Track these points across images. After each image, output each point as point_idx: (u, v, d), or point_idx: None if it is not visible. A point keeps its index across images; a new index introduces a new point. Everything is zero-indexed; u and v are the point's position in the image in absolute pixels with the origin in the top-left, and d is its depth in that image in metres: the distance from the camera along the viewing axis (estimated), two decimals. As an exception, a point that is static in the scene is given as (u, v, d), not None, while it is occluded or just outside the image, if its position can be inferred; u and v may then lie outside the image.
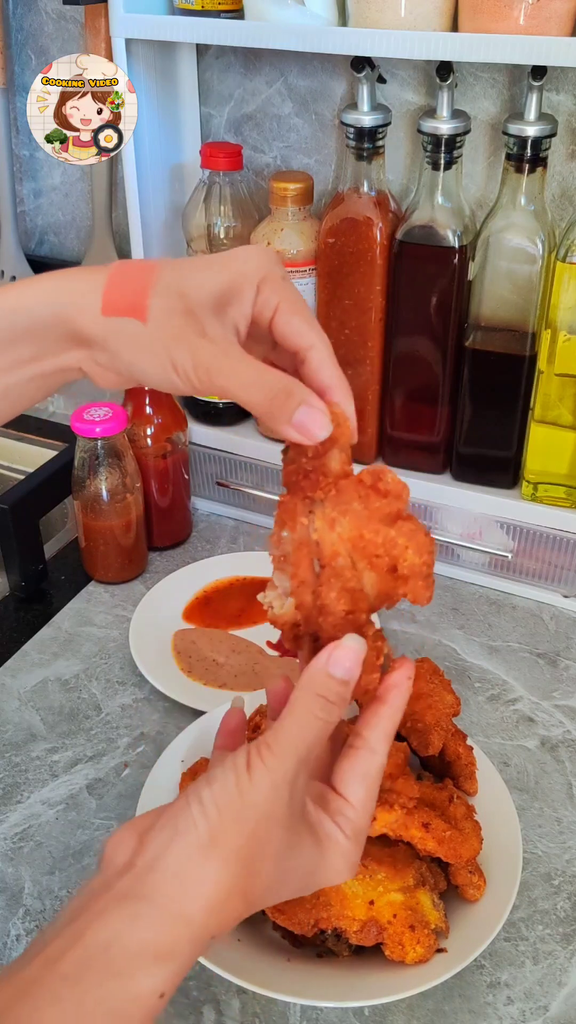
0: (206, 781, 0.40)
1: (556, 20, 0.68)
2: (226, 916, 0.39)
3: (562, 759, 0.72)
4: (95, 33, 0.94)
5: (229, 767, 0.40)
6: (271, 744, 0.40)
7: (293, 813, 0.40)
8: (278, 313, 0.43)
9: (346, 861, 0.42)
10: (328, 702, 0.41)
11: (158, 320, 0.41)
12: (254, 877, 0.39)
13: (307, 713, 0.41)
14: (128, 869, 0.39)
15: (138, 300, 0.41)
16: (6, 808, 0.69)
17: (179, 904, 0.38)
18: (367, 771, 0.43)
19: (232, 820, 0.39)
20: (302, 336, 0.44)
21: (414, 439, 0.89)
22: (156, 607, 0.85)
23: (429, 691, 0.63)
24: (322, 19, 0.75)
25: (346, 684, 0.41)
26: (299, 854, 0.41)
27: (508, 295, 0.80)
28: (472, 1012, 0.56)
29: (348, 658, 0.41)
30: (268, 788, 0.39)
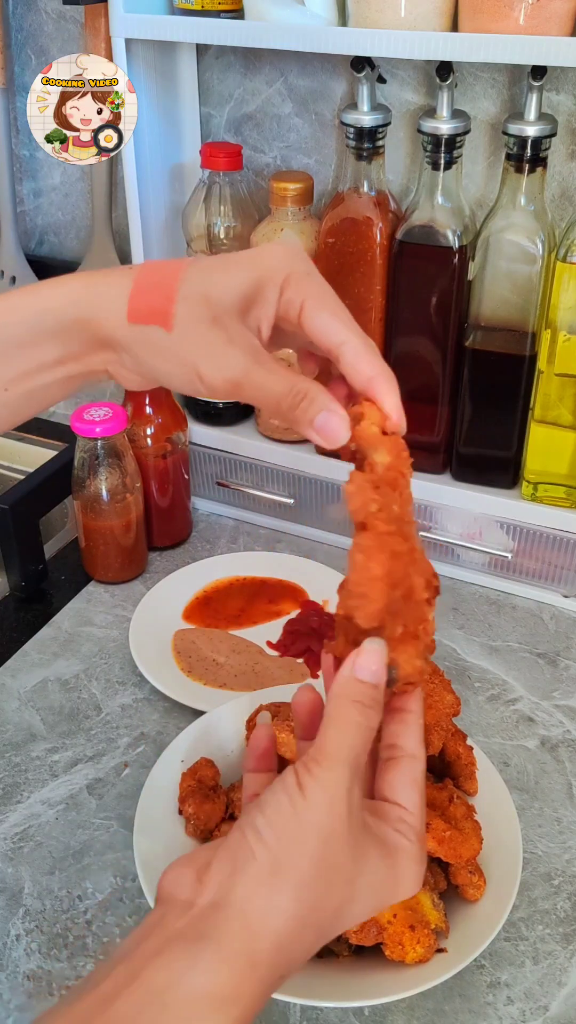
0: (258, 808, 0.38)
1: (556, 20, 0.68)
2: (298, 951, 0.37)
3: (562, 759, 0.72)
4: (95, 33, 0.94)
5: (279, 789, 0.38)
6: (318, 759, 0.39)
7: (354, 827, 0.39)
8: (304, 311, 0.43)
9: (419, 868, 0.41)
10: (364, 706, 0.40)
11: (184, 329, 0.41)
12: (325, 904, 0.37)
13: (347, 721, 0.40)
14: (187, 908, 0.37)
15: (164, 307, 0.41)
16: (6, 808, 0.69)
17: (245, 944, 0.36)
18: (415, 777, 0.42)
19: (293, 843, 0.37)
20: (331, 333, 0.43)
21: (414, 439, 0.87)
22: (156, 607, 0.85)
23: (429, 691, 0.63)
24: (322, 19, 0.75)
25: (376, 687, 0.41)
26: (369, 870, 0.39)
27: (508, 295, 0.80)
28: (472, 1012, 0.56)
29: (373, 661, 0.41)
30: (325, 804, 0.38)
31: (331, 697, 0.41)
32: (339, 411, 0.43)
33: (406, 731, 0.43)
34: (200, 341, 0.41)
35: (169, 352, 0.42)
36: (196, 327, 0.41)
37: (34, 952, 0.59)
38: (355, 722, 0.40)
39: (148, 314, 0.42)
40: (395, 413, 0.44)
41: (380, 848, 0.40)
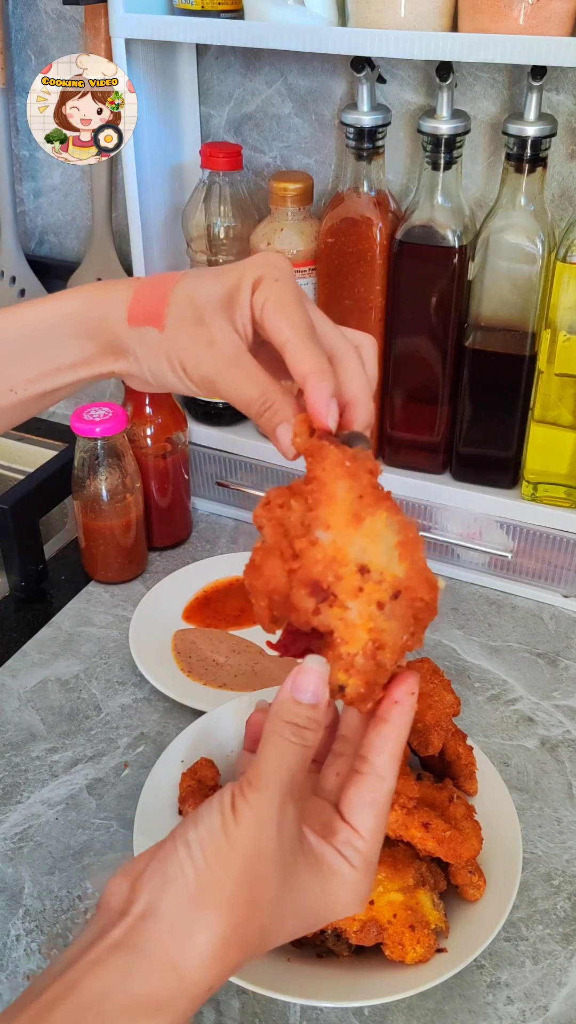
0: (192, 821, 0.39)
1: (556, 20, 0.68)
2: (223, 967, 0.38)
3: (562, 759, 0.72)
4: (95, 33, 0.94)
5: (215, 806, 0.39)
6: (252, 780, 0.39)
7: (285, 848, 0.39)
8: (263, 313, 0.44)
9: (354, 894, 0.41)
10: (299, 728, 0.40)
11: (173, 329, 0.46)
12: (250, 923, 0.38)
13: (280, 741, 0.40)
14: (121, 918, 0.38)
15: (156, 310, 0.46)
16: (6, 808, 0.69)
17: (172, 957, 0.37)
18: (375, 798, 0.41)
19: (220, 864, 0.38)
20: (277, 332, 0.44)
21: (414, 439, 0.89)
22: (156, 607, 0.85)
23: (429, 691, 0.63)
24: (322, 19, 0.75)
25: (314, 707, 0.40)
26: (298, 891, 0.39)
27: (508, 295, 0.80)
28: (472, 1012, 0.56)
29: (311, 681, 0.40)
30: (254, 825, 0.38)
31: (269, 717, 0.41)
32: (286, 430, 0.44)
33: (381, 746, 0.42)
34: (186, 340, 0.45)
35: (161, 350, 0.46)
36: (183, 327, 0.45)
37: (34, 952, 0.59)
38: (288, 742, 0.40)
39: (144, 316, 0.47)
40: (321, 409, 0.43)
41: (313, 871, 0.40)
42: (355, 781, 0.42)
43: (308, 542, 0.39)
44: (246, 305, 0.45)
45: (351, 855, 0.41)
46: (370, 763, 0.42)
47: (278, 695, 0.41)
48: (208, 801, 0.40)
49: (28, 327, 0.49)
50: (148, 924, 0.37)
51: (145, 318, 0.46)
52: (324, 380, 0.43)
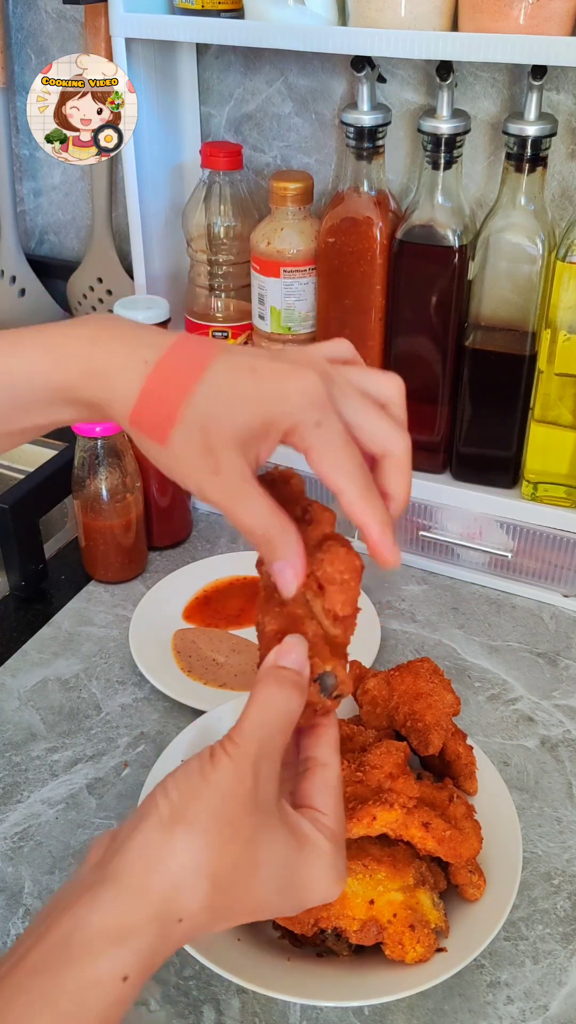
0: (171, 773, 0.41)
1: (556, 20, 0.68)
2: (194, 897, 0.38)
3: (562, 759, 0.72)
4: (95, 32, 0.94)
5: (194, 757, 0.41)
6: (231, 735, 0.41)
7: (260, 799, 0.40)
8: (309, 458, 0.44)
9: (331, 868, 0.42)
10: (283, 684, 0.42)
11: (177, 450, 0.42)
12: (222, 855, 0.38)
13: (263, 699, 0.42)
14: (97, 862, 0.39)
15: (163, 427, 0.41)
16: (6, 808, 0.69)
17: (139, 880, 0.37)
18: (325, 782, 0.44)
19: (193, 798, 0.39)
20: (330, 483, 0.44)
21: (414, 439, 0.88)
22: (156, 607, 0.85)
23: (429, 691, 0.63)
24: (322, 19, 0.75)
25: (299, 674, 0.43)
26: (275, 844, 0.40)
27: (508, 295, 0.80)
28: (472, 1011, 0.56)
29: (293, 649, 0.43)
30: (230, 771, 0.40)
31: (255, 682, 0.43)
32: (296, 565, 0.43)
33: (317, 742, 0.45)
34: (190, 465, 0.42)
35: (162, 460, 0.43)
36: (188, 452, 0.42)
37: (34, 952, 0.59)
38: (271, 700, 0.42)
39: (148, 428, 0.42)
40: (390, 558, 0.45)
41: (289, 830, 0.41)
42: (305, 777, 0.44)
43: None
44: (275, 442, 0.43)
45: (322, 828, 0.42)
46: (313, 758, 0.45)
47: (262, 667, 0.43)
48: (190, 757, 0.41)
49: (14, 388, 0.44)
50: (118, 858, 0.38)
51: (149, 430, 0.42)
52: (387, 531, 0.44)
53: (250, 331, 0.94)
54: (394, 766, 0.57)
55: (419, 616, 0.87)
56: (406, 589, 0.90)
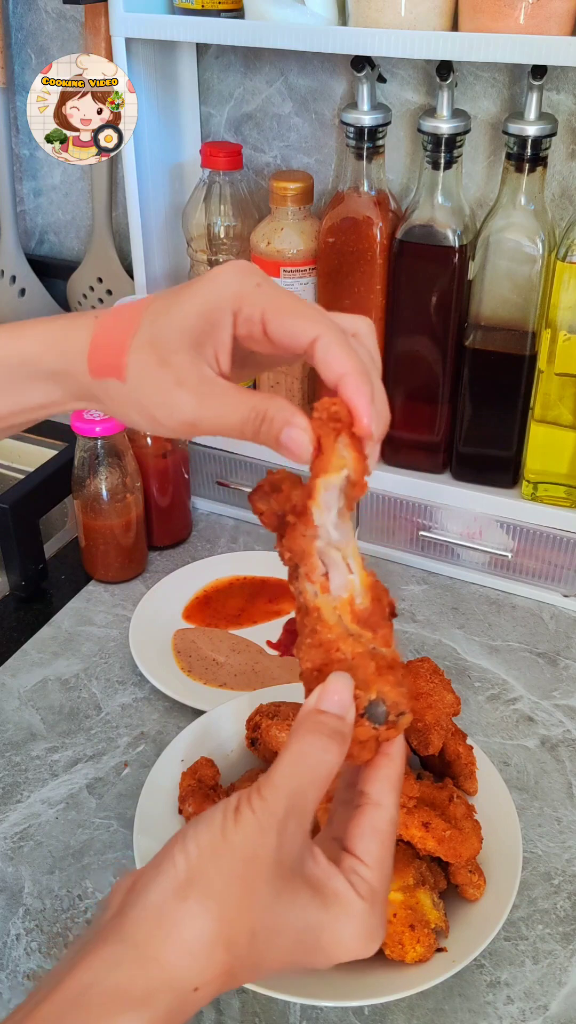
0: (194, 822, 0.39)
1: (556, 20, 0.68)
2: (209, 967, 0.36)
3: (562, 759, 0.72)
4: (95, 32, 0.94)
5: (219, 808, 0.38)
6: (260, 787, 0.38)
7: (283, 862, 0.37)
8: (266, 323, 0.41)
9: (361, 927, 0.38)
10: (321, 735, 0.39)
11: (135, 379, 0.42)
12: (238, 923, 0.36)
13: (297, 750, 0.39)
14: (114, 912, 0.38)
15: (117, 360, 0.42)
16: (6, 807, 0.69)
17: (155, 946, 0.36)
18: (375, 826, 0.40)
19: (212, 859, 0.37)
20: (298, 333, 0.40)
21: (414, 439, 0.89)
22: (156, 607, 0.85)
23: (429, 690, 0.63)
24: (322, 18, 0.75)
25: (341, 719, 0.39)
26: (297, 908, 0.37)
27: (508, 295, 0.80)
28: (472, 1011, 0.56)
29: (337, 691, 0.39)
30: (253, 830, 0.37)
31: (292, 729, 0.40)
32: (301, 423, 0.40)
33: (375, 775, 0.41)
34: (151, 387, 0.41)
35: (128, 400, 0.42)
36: (146, 373, 0.41)
37: (34, 952, 0.59)
38: (305, 752, 0.39)
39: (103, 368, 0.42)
40: (364, 416, 0.40)
41: (313, 891, 0.38)
42: (355, 815, 0.41)
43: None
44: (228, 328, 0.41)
45: (357, 882, 0.39)
46: (366, 794, 0.41)
47: (302, 710, 0.40)
48: (213, 806, 0.39)
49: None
50: (135, 914, 0.37)
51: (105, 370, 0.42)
52: (365, 380, 0.40)
53: (250, 331, 0.94)
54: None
55: (419, 616, 0.87)
56: (406, 589, 0.90)
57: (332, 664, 0.41)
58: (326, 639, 0.42)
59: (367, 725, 0.40)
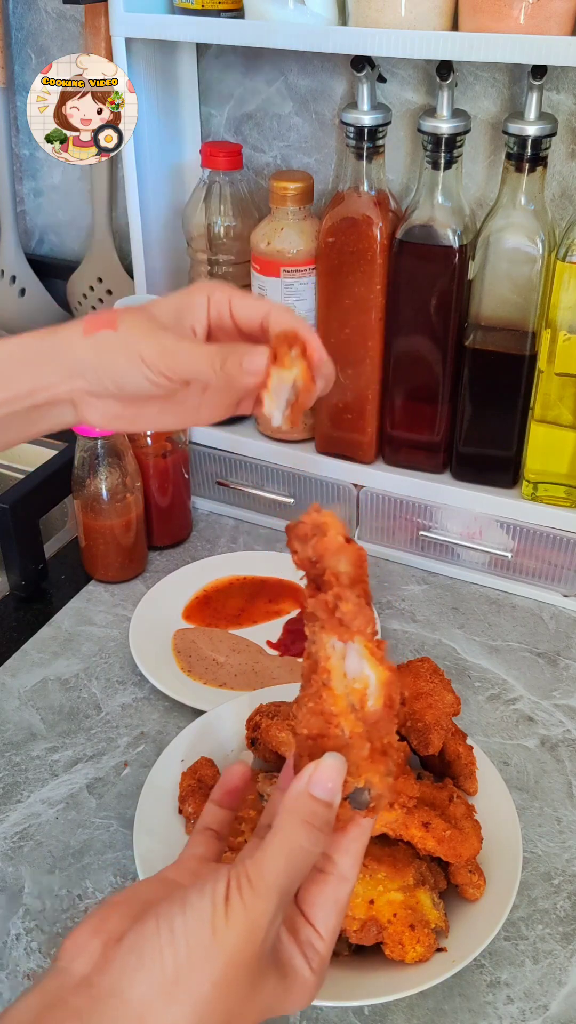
0: (180, 906, 0.38)
1: (556, 19, 0.68)
2: None
3: (562, 758, 0.72)
4: (95, 32, 0.94)
5: (207, 895, 0.38)
6: (252, 879, 0.38)
7: (264, 955, 0.38)
8: (232, 306, 0.51)
9: (306, 995, 0.41)
10: (314, 829, 0.40)
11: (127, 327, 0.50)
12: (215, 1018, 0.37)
13: (292, 845, 0.39)
14: (87, 985, 0.37)
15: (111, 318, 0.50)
16: (6, 807, 0.69)
17: None
18: (338, 899, 0.42)
19: (201, 961, 0.37)
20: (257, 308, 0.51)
21: (414, 439, 0.89)
22: (156, 607, 0.85)
23: (429, 690, 0.63)
24: (322, 18, 0.75)
25: (329, 807, 0.40)
26: (264, 992, 0.39)
27: (508, 295, 0.80)
28: (472, 1011, 0.56)
29: (330, 777, 0.40)
30: (244, 930, 0.37)
31: (283, 810, 0.40)
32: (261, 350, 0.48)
33: (346, 847, 0.42)
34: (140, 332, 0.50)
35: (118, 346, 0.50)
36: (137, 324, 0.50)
37: (34, 951, 0.59)
38: (300, 848, 0.39)
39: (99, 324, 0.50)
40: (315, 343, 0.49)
41: (280, 972, 0.40)
42: (319, 880, 0.42)
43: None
44: (203, 311, 0.51)
45: (312, 957, 0.41)
46: (335, 863, 0.42)
47: (293, 787, 0.41)
48: (200, 886, 0.38)
49: None
50: (116, 1003, 0.36)
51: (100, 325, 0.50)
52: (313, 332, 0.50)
53: (250, 331, 0.94)
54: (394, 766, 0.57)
55: (419, 616, 0.87)
56: (406, 589, 0.90)
57: (328, 739, 0.42)
58: (328, 710, 0.42)
59: (347, 807, 0.41)
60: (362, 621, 0.42)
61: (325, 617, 0.42)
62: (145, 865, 0.59)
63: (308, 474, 0.94)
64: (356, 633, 0.42)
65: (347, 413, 0.90)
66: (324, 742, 0.42)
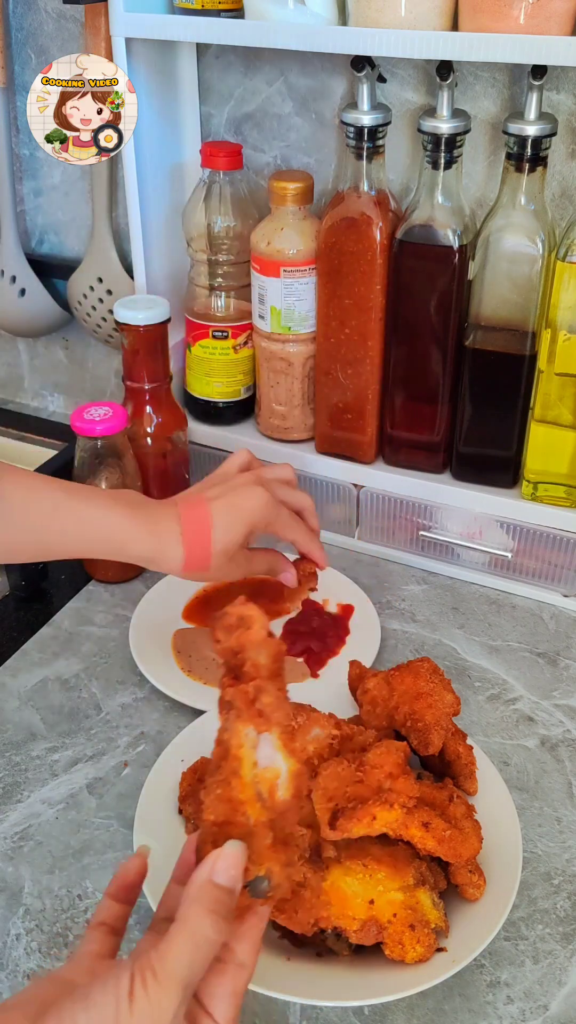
0: (83, 1003, 0.37)
1: (556, 19, 0.68)
2: None
3: (562, 758, 0.72)
4: (95, 32, 0.93)
5: (110, 990, 0.38)
6: (157, 971, 0.38)
7: None
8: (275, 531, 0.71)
9: None
10: (219, 917, 0.40)
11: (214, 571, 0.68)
12: None
13: (198, 936, 0.39)
14: None
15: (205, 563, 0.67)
16: (6, 807, 0.69)
17: None
18: (235, 988, 0.42)
19: None
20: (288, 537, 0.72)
21: (414, 439, 0.89)
22: (156, 606, 0.85)
23: (429, 690, 0.63)
24: (322, 18, 0.75)
25: (232, 894, 0.41)
26: None
27: (508, 295, 0.80)
28: (472, 1011, 0.56)
29: (232, 865, 0.41)
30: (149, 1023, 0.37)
31: (187, 900, 0.41)
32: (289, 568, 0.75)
33: (246, 935, 0.43)
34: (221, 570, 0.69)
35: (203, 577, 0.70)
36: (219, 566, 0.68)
37: (34, 951, 0.59)
38: (205, 938, 0.39)
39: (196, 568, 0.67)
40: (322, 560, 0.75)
41: None
42: (218, 970, 0.42)
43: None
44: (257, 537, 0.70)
45: None
46: (234, 952, 0.42)
47: (196, 876, 0.41)
48: (103, 981, 0.38)
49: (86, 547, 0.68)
50: None
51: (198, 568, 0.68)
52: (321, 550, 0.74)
53: (250, 331, 0.94)
54: (394, 766, 0.57)
55: (419, 616, 0.87)
56: (406, 589, 0.90)
57: (234, 826, 0.43)
58: (236, 797, 0.43)
59: (246, 894, 0.42)
60: (281, 715, 0.44)
61: (242, 706, 0.44)
62: (145, 865, 0.59)
63: (308, 474, 0.94)
64: (274, 725, 0.43)
65: (347, 413, 0.90)
66: (229, 829, 0.43)
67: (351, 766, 0.57)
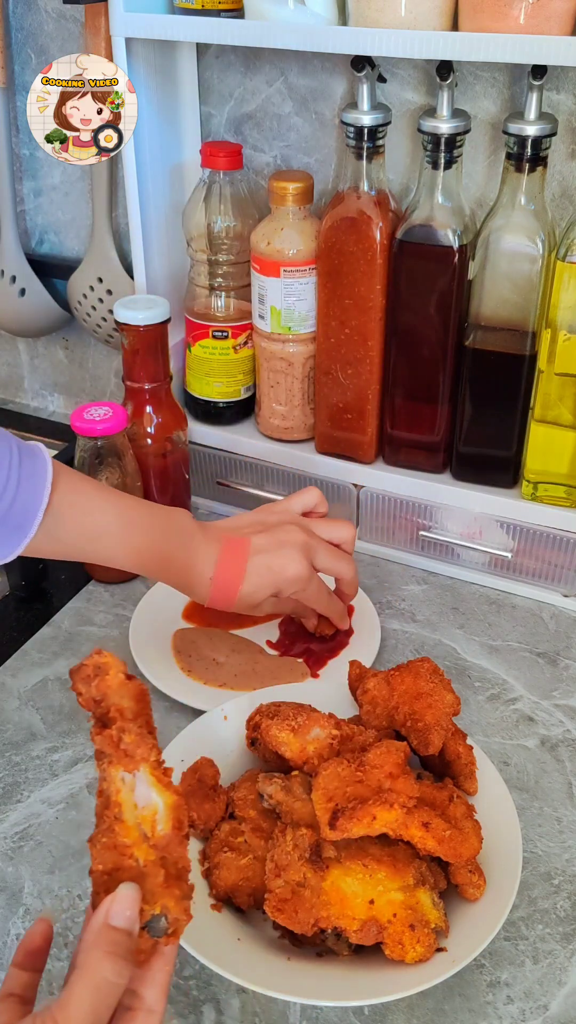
0: None
1: (556, 19, 0.68)
2: None
3: (562, 758, 0.72)
4: (95, 32, 0.93)
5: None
6: (59, 1020, 0.38)
7: None
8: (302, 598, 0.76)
9: None
10: (118, 959, 0.40)
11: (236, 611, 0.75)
12: None
13: (98, 979, 0.39)
14: None
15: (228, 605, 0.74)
16: (6, 807, 0.69)
17: None
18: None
19: None
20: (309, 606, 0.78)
21: (414, 439, 0.89)
22: (156, 606, 0.85)
23: (429, 690, 0.63)
24: (322, 18, 0.75)
25: (130, 935, 0.41)
26: None
27: (508, 295, 0.80)
28: (472, 1011, 0.56)
29: (127, 906, 0.41)
30: None
31: (84, 946, 0.41)
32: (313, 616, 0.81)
33: (151, 979, 0.43)
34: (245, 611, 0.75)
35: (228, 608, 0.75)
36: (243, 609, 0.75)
37: (34, 951, 0.59)
38: (105, 981, 0.39)
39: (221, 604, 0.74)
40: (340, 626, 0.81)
41: None
42: (128, 1018, 0.42)
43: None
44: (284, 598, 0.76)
45: None
46: (141, 998, 0.42)
47: (92, 923, 0.41)
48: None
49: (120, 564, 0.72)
50: None
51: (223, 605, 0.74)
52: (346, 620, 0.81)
53: (250, 331, 0.94)
54: (394, 766, 0.57)
55: (419, 616, 0.87)
56: (406, 589, 0.90)
57: (123, 871, 0.43)
58: (121, 842, 0.43)
59: (146, 936, 0.43)
60: (145, 750, 0.44)
61: (112, 752, 0.44)
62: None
63: (308, 474, 0.94)
64: (140, 761, 0.44)
65: (347, 413, 0.90)
66: (119, 875, 0.43)
67: (351, 766, 0.57)
